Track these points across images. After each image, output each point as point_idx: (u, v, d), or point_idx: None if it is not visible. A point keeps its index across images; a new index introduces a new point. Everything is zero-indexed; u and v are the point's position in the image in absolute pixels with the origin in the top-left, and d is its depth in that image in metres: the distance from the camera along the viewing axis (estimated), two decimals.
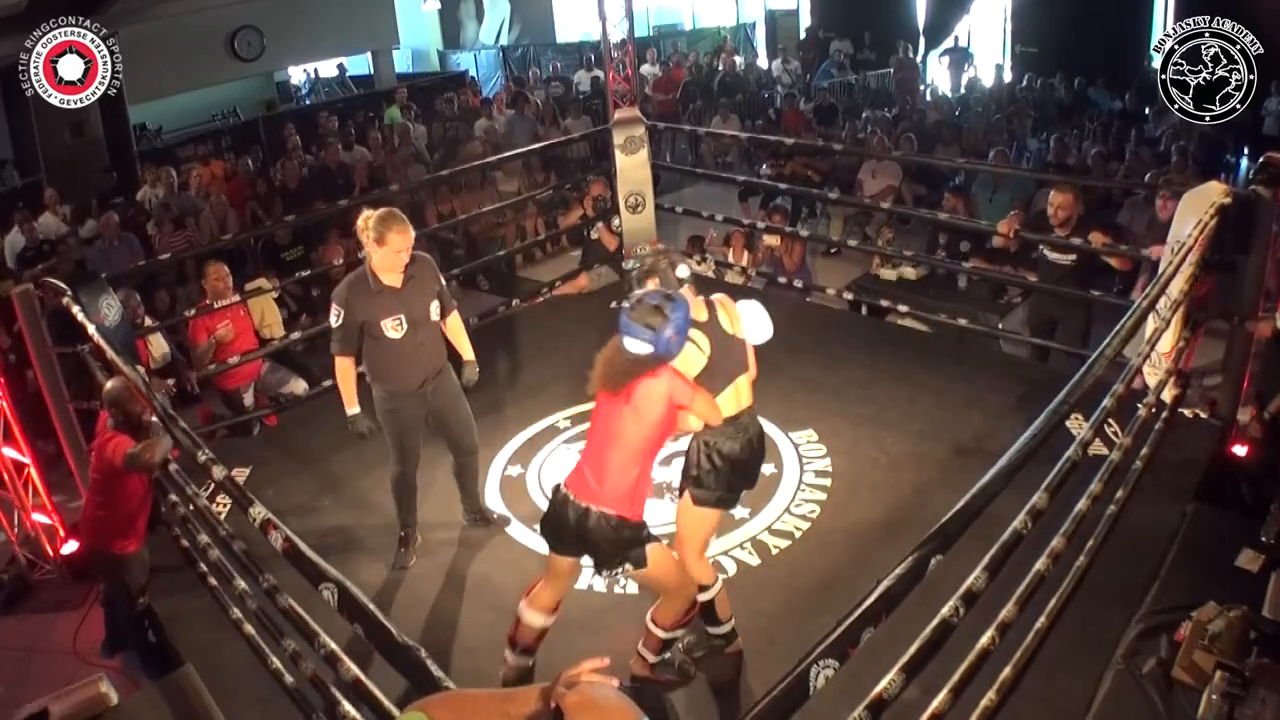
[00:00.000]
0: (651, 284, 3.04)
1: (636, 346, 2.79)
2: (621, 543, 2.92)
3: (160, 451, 3.64)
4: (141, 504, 3.91)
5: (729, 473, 3.14)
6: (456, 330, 4.06)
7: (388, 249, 3.65)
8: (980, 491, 2.29)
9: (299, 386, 5.70)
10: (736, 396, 3.14)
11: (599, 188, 7.16)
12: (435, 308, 3.85)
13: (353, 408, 3.88)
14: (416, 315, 3.82)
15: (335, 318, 3.75)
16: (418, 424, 3.95)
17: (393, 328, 3.77)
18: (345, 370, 3.83)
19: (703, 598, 3.18)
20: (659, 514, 4.22)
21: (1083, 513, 3.05)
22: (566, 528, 2.94)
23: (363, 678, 2.36)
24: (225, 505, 4.23)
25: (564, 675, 1.34)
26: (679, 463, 4.51)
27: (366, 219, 3.67)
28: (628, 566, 2.97)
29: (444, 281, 3.97)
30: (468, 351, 4.10)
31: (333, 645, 2.50)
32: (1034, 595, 2.76)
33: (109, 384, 3.80)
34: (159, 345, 5.47)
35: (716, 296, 3.21)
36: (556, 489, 3.03)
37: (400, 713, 1.38)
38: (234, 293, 5.51)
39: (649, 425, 2.87)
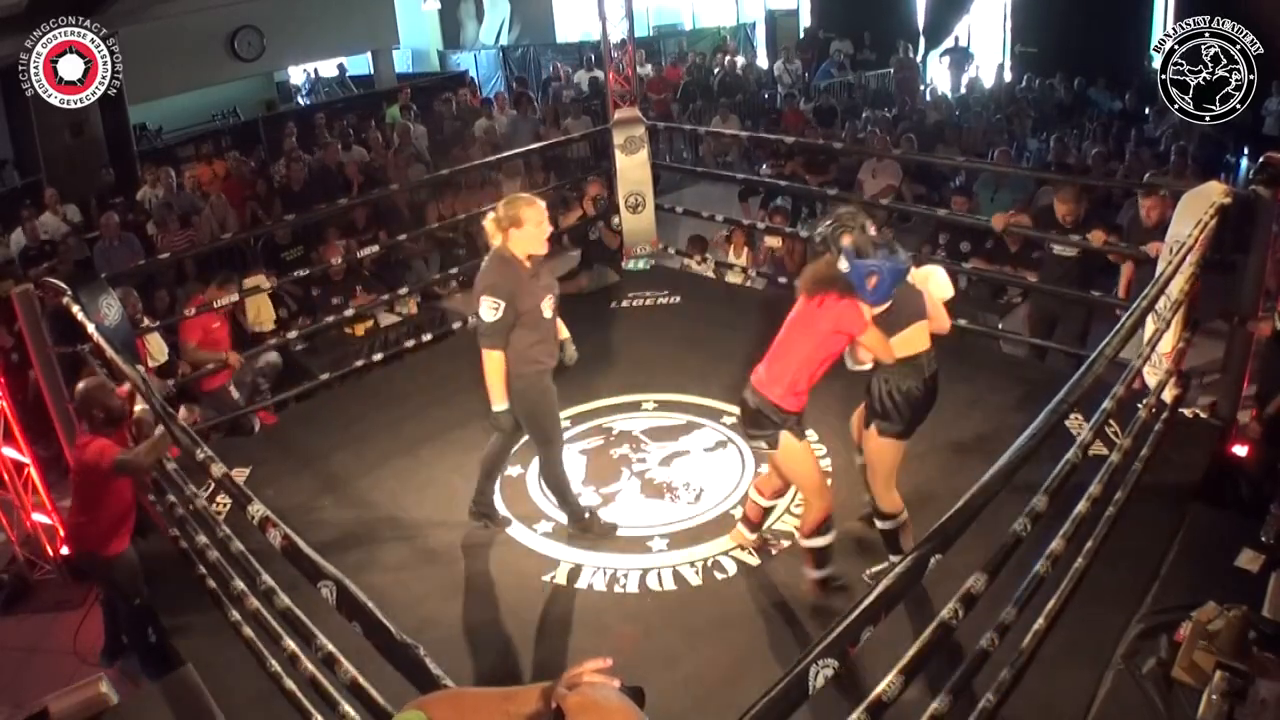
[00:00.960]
0: (847, 240, 3.24)
1: (842, 263, 3.20)
2: (764, 421, 3.40)
3: (154, 452, 3.56)
4: (129, 507, 3.81)
5: (906, 407, 3.47)
6: None
7: (529, 225, 3.65)
8: (980, 490, 2.29)
9: (271, 356, 5.70)
10: (913, 340, 3.43)
11: (596, 188, 7.15)
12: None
13: (503, 402, 3.74)
14: (554, 289, 3.86)
15: (494, 311, 3.60)
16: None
17: (550, 307, 3.80)
18: (498, 364, 3.68)
19: (885, 526, 3.57)
20: (662, 513, 4.24)
21: (1082, 514, 3.05)
22: (745, 411, 3.49)
23: (359, 678, 2.36)
24: (225, 505, 4.23)
25: (566, 675, 1.34)
26: (680, 463, 4.54)
27: (495, 218, 3.68)
28: (763, 444, 3.46)
29: None
30: (563, 329, 4.06)
31: (329, 646, 2.50)
32: (1034, 596, 2.76)
33: (79, 385, 3.70)
34: (158, 345, 5.47)
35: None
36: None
37: (398, 712, 1.38)
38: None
39: (814, 336, 3.31)
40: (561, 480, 4.06)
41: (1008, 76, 12.97)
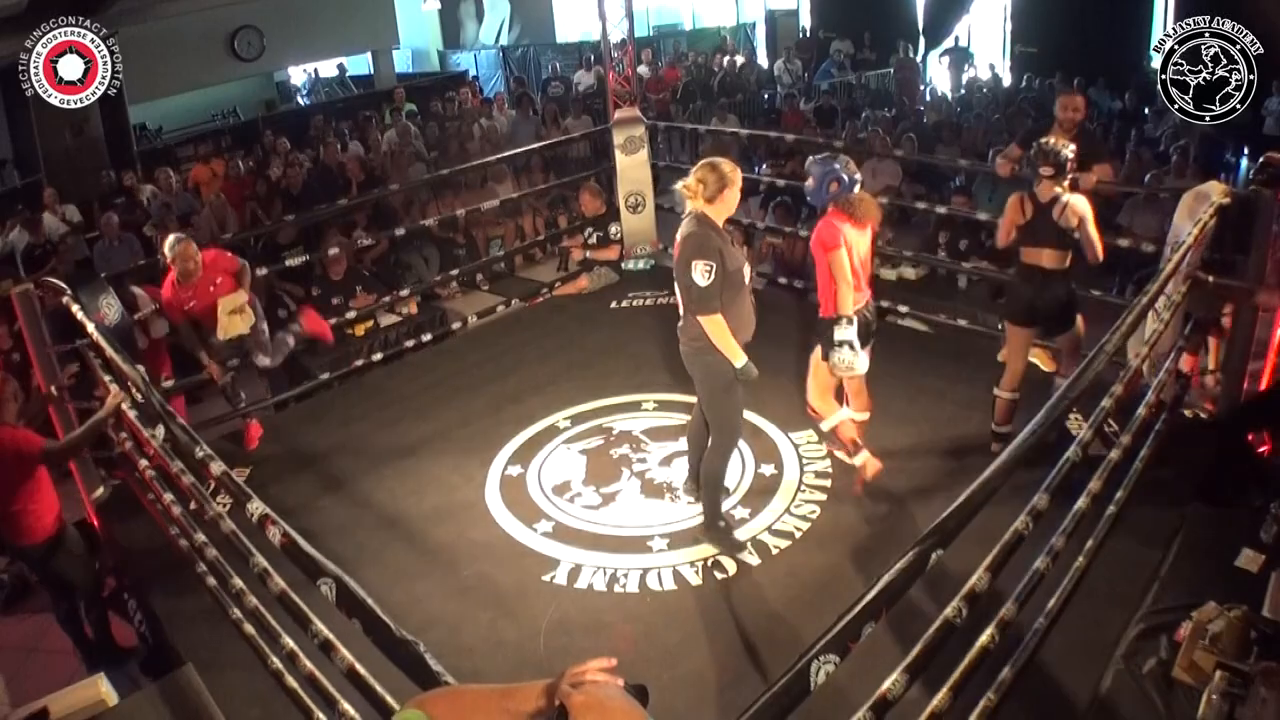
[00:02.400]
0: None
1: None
2: (819, 329, 4.06)
3: (90, 434, 3.74)
4: (49, 483, 3.90)
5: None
6: None
7: (733, 189, 3.65)
8: (980, 487, 2.29)
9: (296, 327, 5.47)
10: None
11: (589, 199, 7.10)
12: None
13: (742, 356, 3.64)
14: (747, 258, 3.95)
15: (708, 275, 3.50)
16: None
17: (749, 274, 3.76)
18: (722, 325, 3.59)
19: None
20: (662, 513, 4.24)
21: (1082, 513, 3.05)
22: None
23: (361, 670, 2.35)
24: (225, 505, 4.22)
25: (569, 673, 1.33)
26: (680, 463, 4.54)
27: (698, 181, 3.61)
28: (819, 347, 4.08)
29: None
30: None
31: (330, 635, 2.49)
32: (1034, 595, 2.76)
33: None
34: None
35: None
36: None
37: (399, 709, 1.38)
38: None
39: (817, 250, 3.96)
40: (719, 475, 3.93)
41: (1008, 77, 12.97)
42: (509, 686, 1.41)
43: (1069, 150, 4.01)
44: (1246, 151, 9.03)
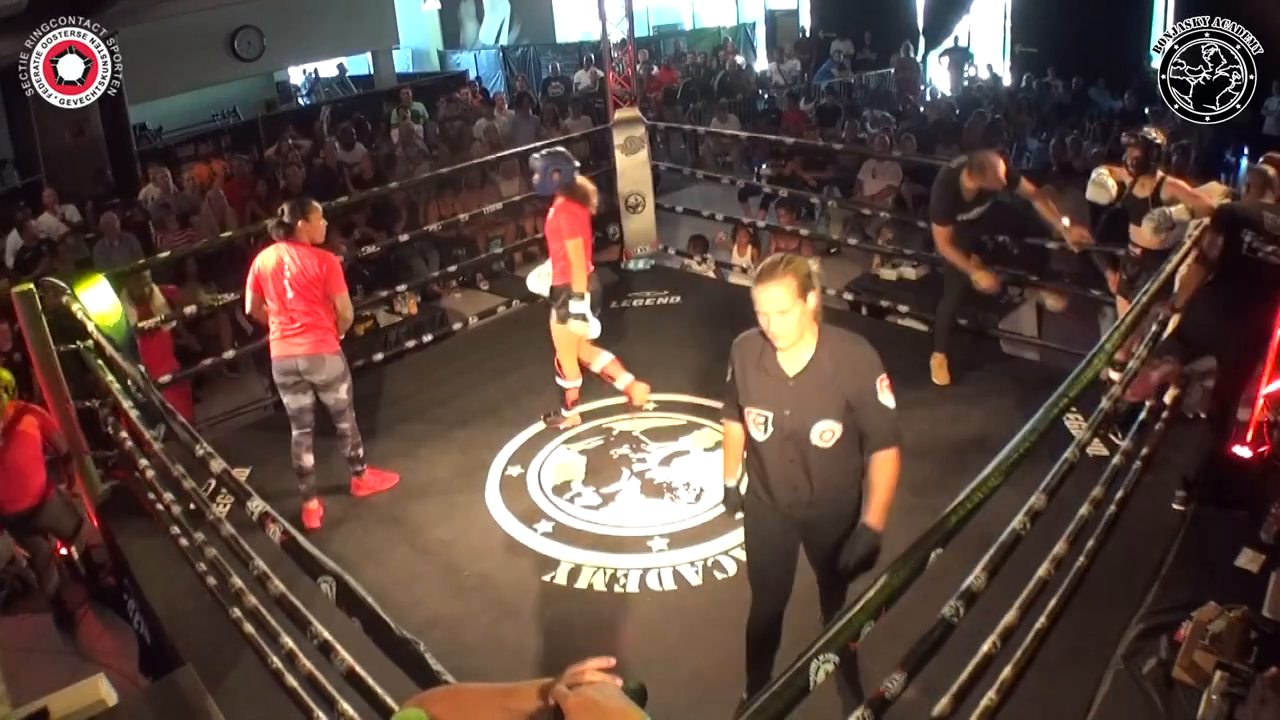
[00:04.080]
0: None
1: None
2: (554, 297, 4.61)
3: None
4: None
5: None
6: None
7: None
8: (980, 485, 2.29)
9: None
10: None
11: None
12: None
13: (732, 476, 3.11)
14: None
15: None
16: None
17: None
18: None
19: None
20: (662, 513, 4.24)
21: (1083, 513, 3.05)
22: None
23: (360, 671, 2.36)
24: (225, 505, 4.22)
25: (568, 673, 1.33)
26: (680, 463, 4.54)
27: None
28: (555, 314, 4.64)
29: None
30: None
31: (329, 637, 2.50)
32: (1037, 599, 2.76)
33: None
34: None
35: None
36: None
37: (399, 709, 1.37)
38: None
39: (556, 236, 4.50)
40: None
41: (1007, 76, 12.97)
42: (509, 686, 1.41)
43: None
44: (1246, 151, 9.03)
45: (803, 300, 2.56)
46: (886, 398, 2.68)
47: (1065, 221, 4.87)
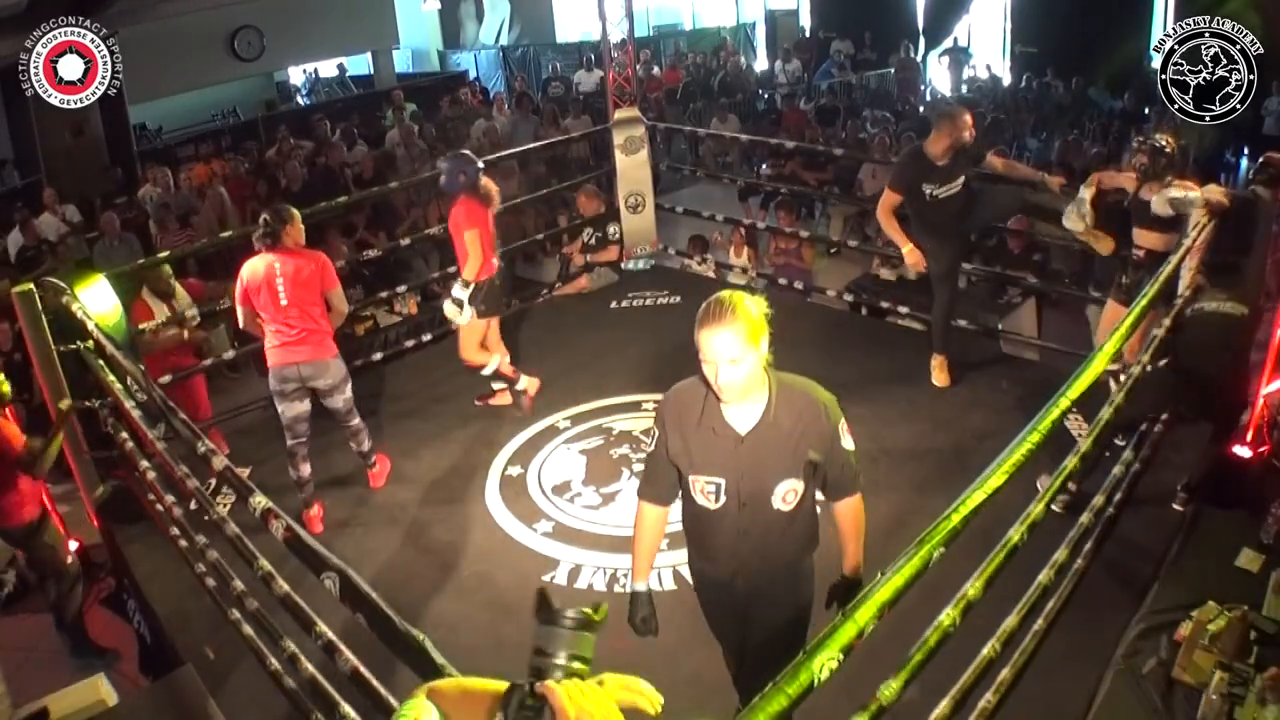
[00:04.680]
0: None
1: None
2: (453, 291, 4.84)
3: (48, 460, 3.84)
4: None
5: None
6: None
7: None
8: (980, 485, 2.28)
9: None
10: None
11: (586, 200, 7.10)
12: None
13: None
14: None
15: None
16: None
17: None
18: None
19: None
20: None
21: (1085, 527, 3.04)
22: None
23: (363, 671, 2.35)
24: (225, 505, 4.22)
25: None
26: None
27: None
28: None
29: None
30: None
31: (333, 637, 2.50)
32: (1038, 603, 2.75)
33: None
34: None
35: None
36: None
37: (416, 692, 1.37)
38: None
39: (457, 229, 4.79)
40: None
41: (1007, 76, 12.97)
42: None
43: None
44: (1246, 151, 9.03)
45: (756, 347, 2.23)
46: (848, 441, 2.43)
47: (1043, 175, 4.84)
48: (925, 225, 4.77)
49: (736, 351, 2.20)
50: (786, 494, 2.37)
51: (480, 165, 4.85)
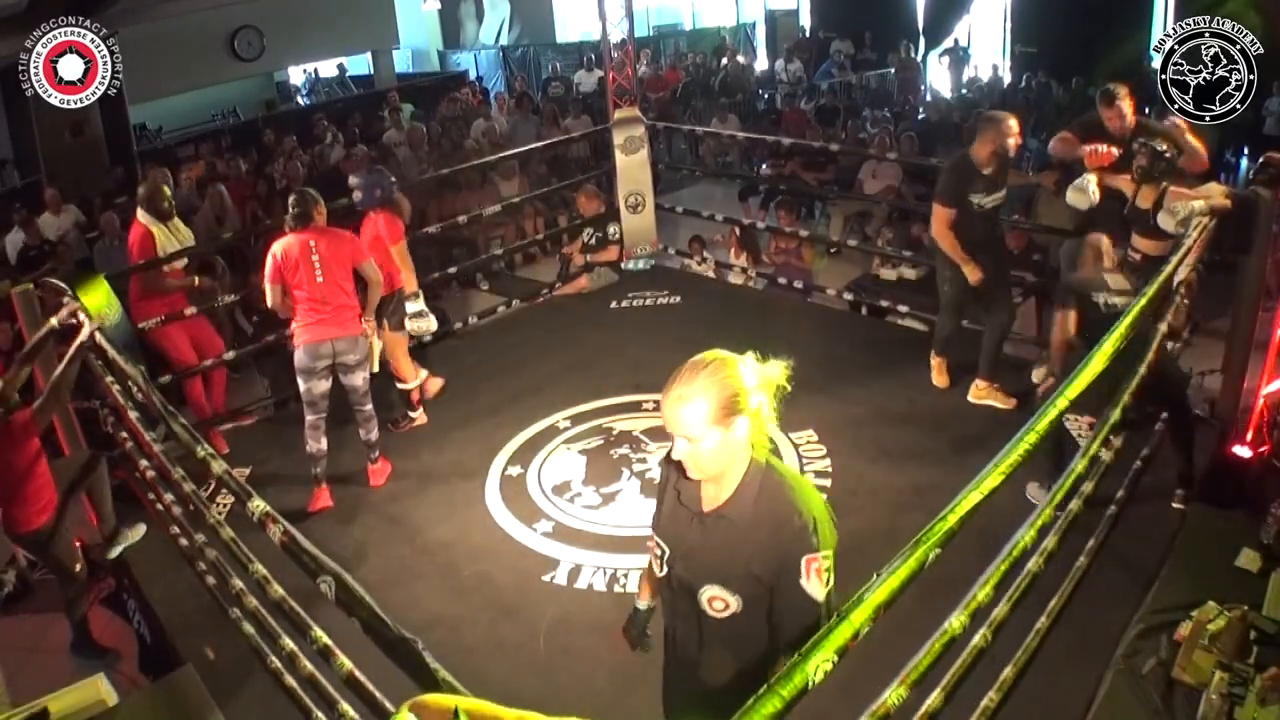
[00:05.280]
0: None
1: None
2: (385, 310, 4.75)
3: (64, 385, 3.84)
4: (36, 462, 3.89)
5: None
6: None
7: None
8: (979, 485, 2.28)
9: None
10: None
11: (586, 200, 7.10)
12: None
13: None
14: None
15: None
16: None
17: None
18: None
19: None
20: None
21: (1081, 513, 3.05)
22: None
23: (358, 675, 2.35)
24: (225, 506, 4.23)
25: None
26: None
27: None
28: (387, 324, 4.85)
29: None
30: None
31: (328, 641, 2.50)
32: (1034, 594, 2.75)
33: None
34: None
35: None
36: None
37: (400, 709, 1.37)
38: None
39: (377, 244, 4.79)
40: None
41: (1007, 76, 12.97)
42: (502, 709, 1.41)
43: None
44: (1246, 151, 9.03)
45: (724, 426, 1.81)
46: (812, 585, 1.86)
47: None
48: (971, 239, 4.56)
49: (694, 429, 1.80)
50: (713, 600, 1.96)
51: (393, 179, 4.96)
